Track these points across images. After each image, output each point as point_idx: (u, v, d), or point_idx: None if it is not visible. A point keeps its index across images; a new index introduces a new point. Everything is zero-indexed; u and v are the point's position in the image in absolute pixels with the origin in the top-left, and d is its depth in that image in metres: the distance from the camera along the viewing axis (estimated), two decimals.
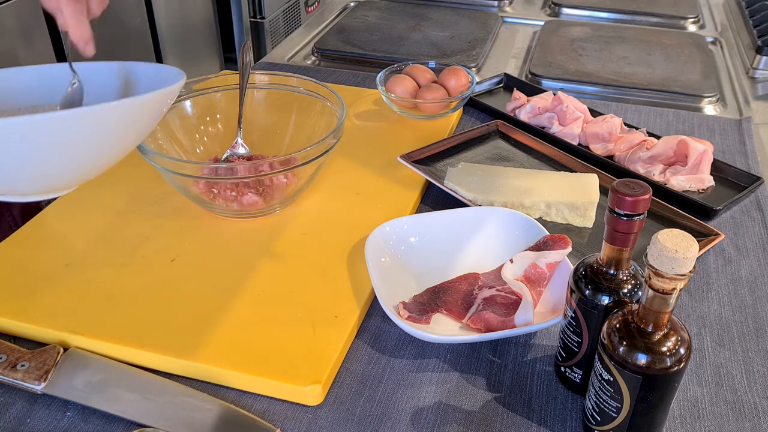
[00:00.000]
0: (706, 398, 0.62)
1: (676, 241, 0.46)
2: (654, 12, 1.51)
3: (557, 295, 0.68)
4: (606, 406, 0.54)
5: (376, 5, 1.53)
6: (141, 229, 0.79)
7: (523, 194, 0.82)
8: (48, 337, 0.65)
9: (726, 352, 0.66)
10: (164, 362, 0.63)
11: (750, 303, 0.72)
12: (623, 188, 0.51)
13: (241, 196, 0.78)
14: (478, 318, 0.66)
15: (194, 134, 0.89)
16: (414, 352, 0.66)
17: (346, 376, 0.63)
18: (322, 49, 1.32)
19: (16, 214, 0.96)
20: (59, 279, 0.71)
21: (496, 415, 0.60)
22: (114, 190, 0.85)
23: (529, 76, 1.23)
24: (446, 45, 1.33)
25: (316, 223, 0.80)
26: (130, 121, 0.58)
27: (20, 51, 1.21)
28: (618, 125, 0.97)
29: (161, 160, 0.74)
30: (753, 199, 0.89)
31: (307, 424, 0.59)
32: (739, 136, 1.03)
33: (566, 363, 0.61)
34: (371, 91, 1.10)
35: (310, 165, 0.77)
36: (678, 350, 0.50)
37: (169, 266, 0.73)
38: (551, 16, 1.53)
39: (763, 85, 1.24)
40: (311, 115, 0.89)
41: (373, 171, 0.90)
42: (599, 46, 1.33)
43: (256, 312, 0.67)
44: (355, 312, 0.68)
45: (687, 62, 1.26)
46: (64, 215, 0.81)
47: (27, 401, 0.61)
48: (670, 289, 0.48)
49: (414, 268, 0.73)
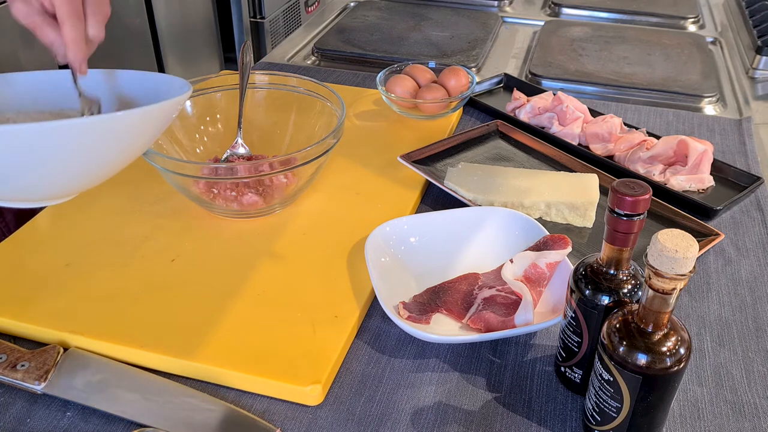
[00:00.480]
0: (706, 398, 0.62)
1: (676, 241, 0.46)
2: (654, 12, 1.51)
3: (557, 295, 0.68)
4: (606, 406, 0.54)
5: (376, 5, 1.53)
6: (141, 229, 0.79)
7: (523, 194, 0.82)
8: (48, 337, 0.65)
9: (726, 352, 0.66)
10: (164, 362, 0.63)
11: (750, 303, 0.72)
12: (623, 188, 0.51)
13: (241, 196, 0.78)
14: (478, 318, 0.66)
15: (194, 134, 0.89)
16: (414, 352, 0.66)
17: (346, 376, 0.63)
18: (322, 49, 1.32)
19: (9, 219, 0.96)
20: (59, 279, 0.71)
21: (496, 415, 0.60)
22: (114, 190, 0.85)
23: (529, 76, 1.23)
24: (446, 45, 1.33)
25: (316, 223, 0.80)
26: (138, 131, 0.58)
27: (20, 51, 1.21)
28: (618, 125, 0.97)
29: (161, 160, 0.74)
30: (753, 199, 0.89)
31: (307, 424, 0.59)
32: (739, 136, 1.03)
33: (566, 363, 0.61)
34: (371, 91, 1.10)
35: (310, 165, 0.77)
36: (678, 350, 0.50)
37: (169, 266, 0.73)
38: (551, 16, 1.53)
39: (763, 85, 1.24)
40: (311, 115, 0.89)
41: (373, 171, 0.90)
42: (599, 46, 1.33)
43: (256, 312, 0.67)
44: (355, 312, 0.68)
45: (687, 62, 1.26)
46: (64, 215, 0.81)
47: (27, 401, 0.61)
48: (670, 289, 0.48)
49: (414, 268, 0.73)
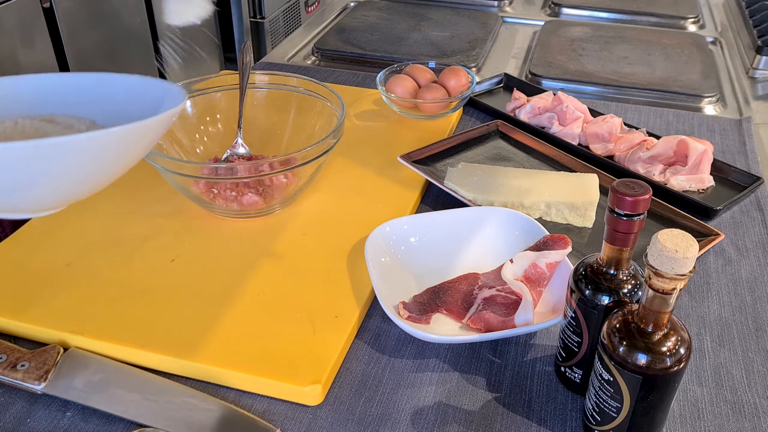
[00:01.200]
0: (706, 398, 0.62)
1: (676, 241, 0.46)
2: (654, 12, 1.51)
3: (557, 295, 0.68)
4: (606, 406, 0.54)
5: (376, 5, 1.53)
6: (141, 229, 0.79)
7: (523, 194, 0.82)
8: (48, 337, 0.65)
9: (726, 352, 0.66)
10: (164, 362, 0.63)
11: (750, 303, 0.72)
12: (623, 188, 0.51)
13: (241, 196, 0.78)
14: (478, 318, 0.66)
15: (194, 134, 0.89)
16: (414, 352, 0.66)
17: (346, 376, 0.63)
18: (322, 49, 1.32)
19: (6, 224, 0.95)
20: (59, 279, 0.71)
21: (496, 415, 0.60)
22: (114, 190, 0.84)
23: (529, 76, 1.23)
24: (446, 45, 1.33)
25: (316, 223, 0.80)
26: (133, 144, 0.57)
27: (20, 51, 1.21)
28: (618, 125, 0.97)
29: (161, 160, 0.74)
30: (753, 199, 0.89)
31: (307, 424, 0.59)
32: (739, 136, 1.03)
33: (566, 363, 0.61)
34: (371, 91, 1.10)
35: (310, 165, 0.77)
36: (678, 350, 0.50)
37: (169, 266, 0.73)
38: (551, 16, 1.53)
39: (763, 85, 1.23)
40: (311, 115, 0.89)
41: (373, 171, 0.90)
42: (599, 46, 1.33)
43: (256, 312, 0.67)
44: (355, 312, 0.68)
45: (687, 62, 1.26)
46: (64, 215, 0.81)
47: (27, 401, 0.61)
48: (670, 289, 0.48)
49: (414, 268, 0.73)
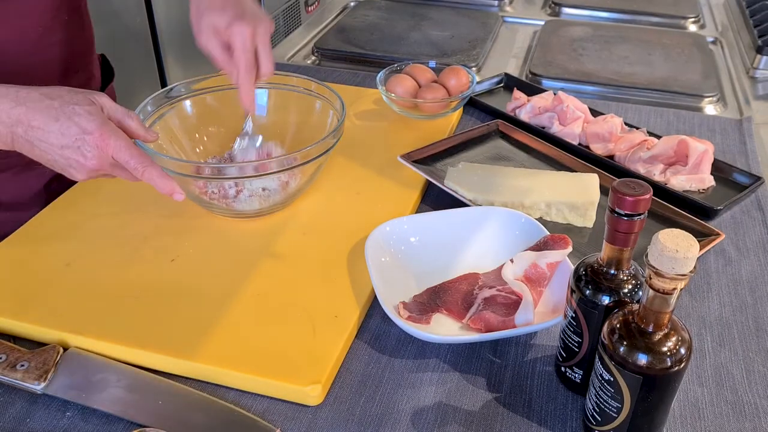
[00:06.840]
0: (706, 398, 0.62)
1: (676, 241, 0.46)
2: (654, 12, 1.51)
3: (557, 295, 0.68)
4: (606, 406, 0.53)
5: (376, 5, 1.53)
6: (141, 229, 0.79)
7: (524, 194, 0.82)
8: (48, 337, 0.65)
9: (726, 352, 0.66)
10: (164, 362, 0.63)
11: (750, 303, 0.72)
12: (624, 188, 0.51)
13: (241, 196, 0.78)
14: (478, 318, 0.66)
15: (194, 134, 0.89)
16: (414, 352, 0.66)
17: (346, 376, 0.63)
18: (322, 48, 1.32)
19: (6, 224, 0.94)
20: (59, 279, 0.71)
21: (496, 415, 0.60)
22: (114, 190, 0.85)
23: (529, 75, 1.23)
24: (446, 45, 1.33)
25: (316, 223, 0.80)
26: None
27: None
28: (618, 125, 0.97)
29: (161, 160, 0.74)
30: (753, 199, 0.88)
31: (307, 424, 0.58)
32: (740, 135, 1.03)
33: (566, 363, 0.61)
34: (371, 91, 1.10)
35: (310, 165, 0.76)
36: (678, 350, 0.50)
37: (169, 266, 0.73)
38: (551, 16, 1.53)
39: (763, 84, 1.23)
40: (311, 115, 0.89)
41: (373, 171, 0.90)
42: (599, 45, 1.33)
43: (257, 312, 0.67)
44: (355, 312, 0.67)
45: (687, 62, 1.26)
46: (64, 215, 0.81)
47: (27, 401, 0.61)
48: (670, 289, 0.48)
49: (414, 268, 0.73)
